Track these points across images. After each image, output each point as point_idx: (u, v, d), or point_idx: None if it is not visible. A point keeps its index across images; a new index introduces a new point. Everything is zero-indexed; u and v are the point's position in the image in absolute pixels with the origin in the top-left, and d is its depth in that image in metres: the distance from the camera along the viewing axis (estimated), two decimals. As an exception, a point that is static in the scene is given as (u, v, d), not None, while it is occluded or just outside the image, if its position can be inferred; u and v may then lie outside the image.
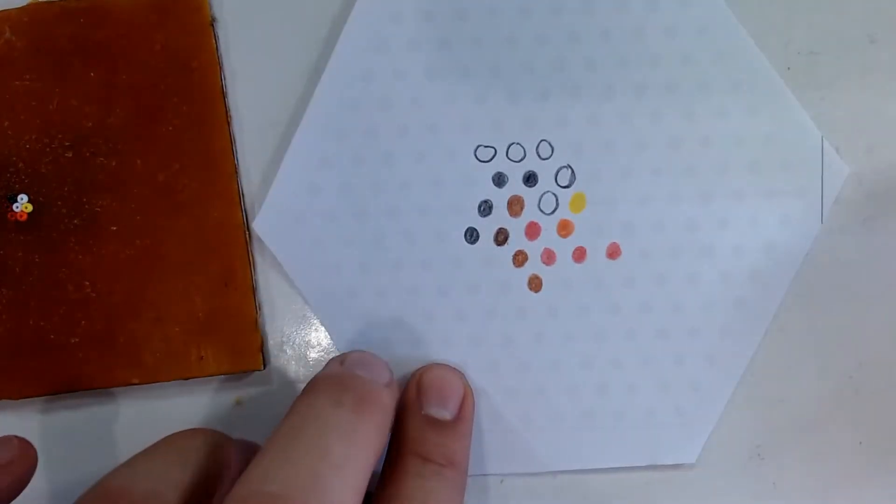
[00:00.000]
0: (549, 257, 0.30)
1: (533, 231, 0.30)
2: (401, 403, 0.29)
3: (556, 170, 0.30)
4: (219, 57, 0.30)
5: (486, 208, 0.30)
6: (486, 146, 0.30)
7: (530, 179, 0.30)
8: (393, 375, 0.27)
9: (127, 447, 0.31)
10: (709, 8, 0.29)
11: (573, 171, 0.30)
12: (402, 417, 0.28)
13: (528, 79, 0.30)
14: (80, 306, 0.29)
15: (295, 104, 0.30)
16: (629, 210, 0.30)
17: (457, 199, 0.30)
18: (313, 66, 0.30)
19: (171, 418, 0.31)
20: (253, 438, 0.30)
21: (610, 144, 0.30)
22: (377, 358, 0.28)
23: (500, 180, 0.30)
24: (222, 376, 0.30)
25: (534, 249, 0.30)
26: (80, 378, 0.30)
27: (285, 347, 0.31)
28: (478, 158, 0.30)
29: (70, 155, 0.29)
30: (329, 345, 0.31)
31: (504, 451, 0.31)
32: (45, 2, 0.29)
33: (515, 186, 0.30)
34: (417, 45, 0.29)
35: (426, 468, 0.27)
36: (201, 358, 0.30)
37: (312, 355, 0.31)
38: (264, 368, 0.30)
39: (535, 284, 0.30)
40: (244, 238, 0.30)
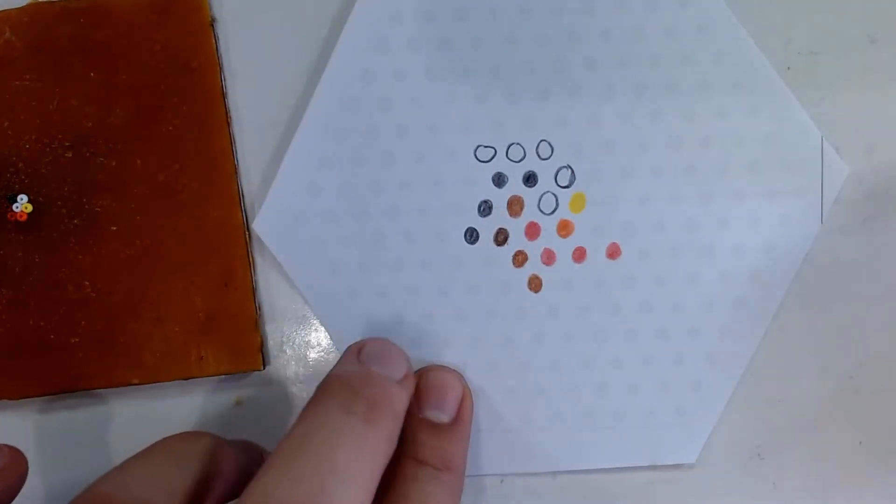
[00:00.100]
0: (549, 257, 0.30)
1: (533, 231, 0.30)
2: None
3: (556, 170, 0.30)
4: (219, 57, 0.30)
5: (486, 208, 0.30)
6: (486, 146, 0.30)
7: (530, 179, 0.30)
8: (410, 365, 0.28)
9: (126, 447, 0.31)
10: (709, 8, 0.29)
11: (573, 171, 0.30)
12: None
13: (528, 79, 0.30)
14: (80, 306, 0.29)
15: (295, 104, 0.30)
16: (629, 210, 0.30)
17: (457, 199, 0.30)
18: (313, 66, 0.30)
19: (171, 418, 0.31)
20: (253, 438, 0.30)
21: (610, 144, 0.30)
22: (394, 348, 0.28)
23: (500, 180, 0.30)
24: (222, 376, 0.30)
25: (534, 249, 0.30)
26: (80, 378, 0.30)
27: (285, 347, 0.31)
28: (478, 158, 0.30)
29: (70, 155, 0.29)
30: (329, 345, 0.31)
31: (504, 451, 0.31)
32: (45, 2, 0.29)
33: (515, 186, 0.30)
34: (417, 45, 0.29)
35: (423, 472, 0.27)
36: (201, 358, 0.30)
37: (312, 355, 0.31)
38: (264, 368, 0.30)
39: (535, 284, 0.30)
40: (244, 238, 0.30)
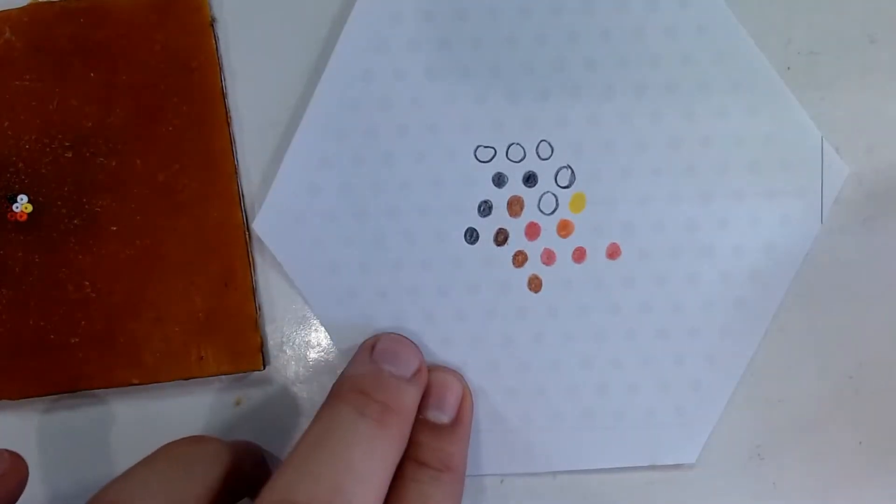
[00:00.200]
0: (548, 257, 0.30)
1: (533, 231, 0.30)
2: None
3: (556, 170, 0.30)
4: (219, 57, 0.30)
5: (485, 208, 0.30)
6: (486, 146, 0.30)
7: (530, 180, 0.30)
8: (422, 358, 0.29)
9: (127, 448, 0.31)
10: (709, 8, 0.29)
11: (573, 172, 0.30)
12: None
13: (528, 79, 0.30)
14: (80, 306, 0.29)
15: (295, 104, 0.30)
16: (629, 210, 0.30)
17: (457, 199, 0.30)
18: (313, 66, 0.30)
19: (171, 418, 0.31)
20: (253, 438, 0.30)
21: (610, 144, 0.30)
22: (406, 344, 0.29)
23: (499, 180, 0.30)
24: (222, 376, 0.30)
25: (534, 250, 0.30)
26: (80, 378, 0.30)
27: (285, 347, 0.31)
28: (478, 159, 0.30)
29: (70, 155, 0.29)
30: (329, 345, 0.31)
31: (504, 451, 0.31)
32: (45, 2, 0.29)
33: (515, 187, 0.30)
34: (417, 45, 0.29)
35: (423, 473, 0.27)
36: (201, 358, 0.30)
37: (312, 355, 0.31)
38: (264, 369, 0.30)
39: (535, 284, 0.30)
40: (244, 238, 0.30)
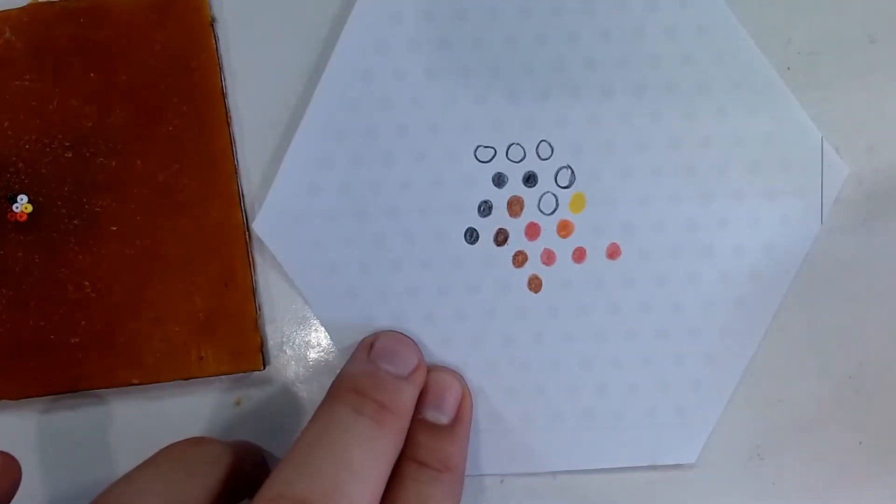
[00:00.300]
0: (548, 257, 0.30)
1: (533, 231, 0.30)
2: None
3: (555, 170, 0.30)
4: (219, 57, 0.30)
5: (485, 209, 0.30)
6: (486, 146, 0.30)
7: (530, 180, 0.30)
8: (421, 356, 0.29)
9: (127, 448, 0.31)
10: (709, 8, 0.29)
11: (573, 172, 0.30)
12: None
13: (528, 79, 0.30)
14: (80, 306, 0.29)
15: (295, 104, 0.30)
16: (629, 210, 0.30)
17: (457, 199, 0.30)
18: (313, 66, 0.30)
19: (171, 418, 0.31)
20: (253, 438, 0.30)
21: (610, 144, 0.30)
22: (404, 343, 0.29)
23: (499, 181, 0.30)
24: (222, 376, 0.30)
25: (534, 250, 0.30)
26: (80, 378, 0.30)
27: (285, 347, 0.31)
28: (478, 159, 0.30)
29: (70, 155, 0.29)
30: (329, 345, 0.31)
31: (504, 451, 0.31)
32: (45, 2, 0.29)
33: (515, 187, 0.30)
34: (417, 45, 0.29)
35: (423, 473, 0.27)
36: (201, 358, 0.30)
37: (312, 355, 0.31)
38: (264, 369, 0.30)
39: (535, 285, 0.30)
40: (244, 238, 0.30)
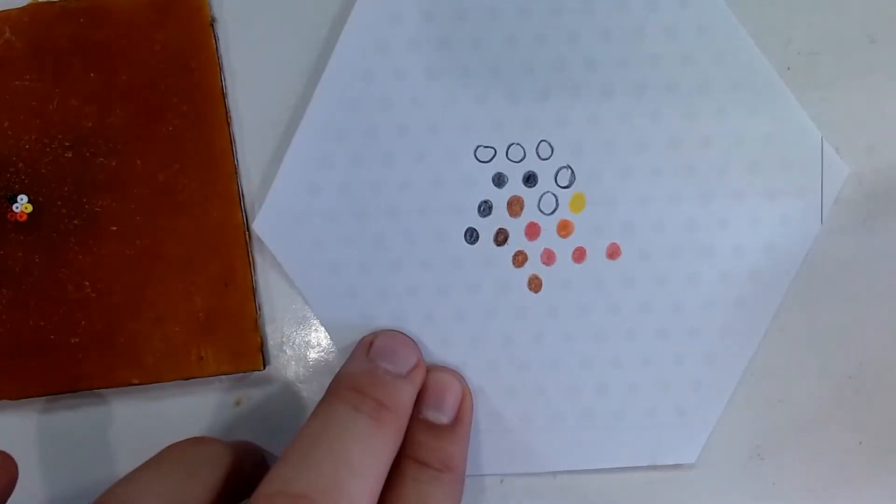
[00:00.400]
0: (548, 257, 0.30)
1: (533, 231, 0.30)
2: None
3: (555, 170, 0.30)
4: (219, 57, 0.30)
5: (485, 208, 0.30)
6: (486, 146, 0.30)
7: (530, 180, 0.30)
8: (420, 354, 0.29)
9: (127, 448, 0.31)
10: (709, 8, 0.29)
11: (573, 172, 0.30)
12: None
13: (528, 79, 0.30)
14: (80, 306, 0.29)
15: (295, 104, 0.30)
16: (629, 210, 0.30)
17: (457, 199, 0.30)
18: (313, 66, 0.30)
19: (171, 418, 0.31)
20: (253, 438, 0.30)
21: (610, 144, 0.30)
22: (404, 341, 0.29)
23: (499, 180, 0.30)
24: (222, 376, 0.30)
25: (534, 250, 0.30)
26: (80, 378, 0.30)
27: (285, 347, 0.31)
28: (478, 159, 0.30)
29: (70, 155, 0.29)
30: (329, 345, 0.31)
31: (504, 451, 0.31)
32: (45, 2, 0.29)
33: (515, 187, 0.30)
34: (417, 45, 0.29)
35: (423, 473, 0.27)
36: (201, 358, 0.30)
37: (312, 355, 0.31)
38: (264, 368, 0.30)
39: (535, 284, 0.30)
40: (244, 238, 0.30)
